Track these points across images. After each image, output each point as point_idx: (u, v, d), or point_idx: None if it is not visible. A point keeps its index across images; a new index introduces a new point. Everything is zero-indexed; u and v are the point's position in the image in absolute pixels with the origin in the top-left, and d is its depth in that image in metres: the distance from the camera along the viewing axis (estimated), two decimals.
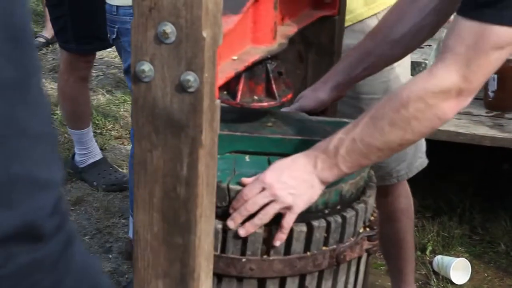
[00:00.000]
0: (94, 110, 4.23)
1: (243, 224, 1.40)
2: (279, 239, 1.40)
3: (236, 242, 1.40)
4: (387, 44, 1.70)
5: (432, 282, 2.87)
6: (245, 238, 1.39)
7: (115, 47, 3.28)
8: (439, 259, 2.94)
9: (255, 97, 1.51)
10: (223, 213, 1.40)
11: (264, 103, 1.51)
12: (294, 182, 1.38)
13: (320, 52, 1.79)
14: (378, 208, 2.44)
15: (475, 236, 3.17)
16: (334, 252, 1.43)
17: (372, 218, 1.53)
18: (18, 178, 0.74)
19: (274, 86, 1.51)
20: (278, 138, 1.54)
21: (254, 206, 1.38)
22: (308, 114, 1.69)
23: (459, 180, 3.46)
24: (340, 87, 1.72)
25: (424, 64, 2.92)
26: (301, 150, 1.48)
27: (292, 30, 1.61)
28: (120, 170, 3.64)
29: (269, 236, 1.39)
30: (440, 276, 2.90)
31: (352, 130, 1.40)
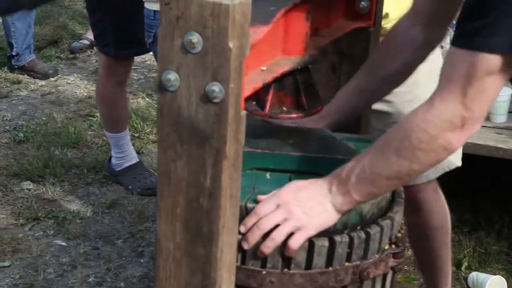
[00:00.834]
0: (133, 114, 4.26)
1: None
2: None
3: (257, 254, 1.39)
4: (380, 81, 1.69)
5: None
6: None
7: (152, 52, 3.30)
8: (474, 275, 2.89)
9: (284, 108, 1.49)
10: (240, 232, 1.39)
11: (293, 115, 1.50)
12: (310, 203, 1.37)
13: (353, 63, 1.77)
14: (411, 225, 2.42)
15: None
16: (357, 269, 1.41)
17: (399, 235, 1.51)
18: None
19: (304, 98, 1.49)
20: (299, 156, 1.52)
21: (268, 224, 1.36)
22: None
23: (499, 196, 3.40)
24: (337, 124, 1.73)
25: None
26: (322, 168, 1.48)
27: (324, 41, 1.59)
28: (156, 174, 3.65)
29: None
30: None
31: (362, 158, 1.39)
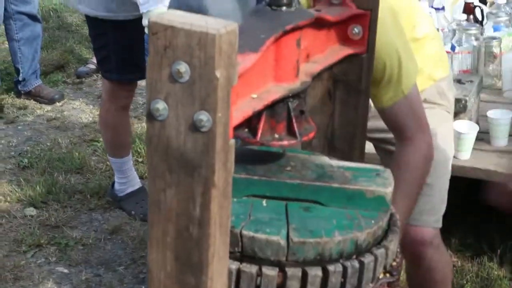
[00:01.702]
0: (137, 138, 4.26)
1: None
2: None
3: (250, 284, 1.37)
4: None
5: None
6: (258, 281, 1.36)
7: None
8: None
9: (276, 135, 1.48)
10: (235, 259, 1.38)
11: (285, 142, 1.49)
12: None
13: (347, 89, 1.76)
14: (411, 275, 2.39)
15: None
16: None
17: (393, 264, 1.49)
18: None
19: (295, 125, 1.48)
20: (296, 184, 1.51)
21: None
22: None
23: (501, 220, 3.38)
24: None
25: (464, 100, 2.86)
26: (319, 196, 1.48)
27: (317, 68, 1.58)
28: None
29: (283, 280, 1.36)
30: None
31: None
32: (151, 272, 1.33)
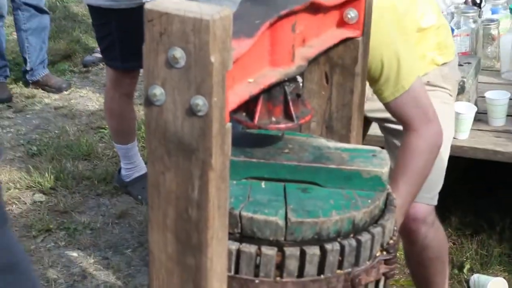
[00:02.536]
0: (143, 125, 4.26)
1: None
2: None
3: (250, 264, 1.38)
4: None
5: None
6: (258, 261, 1.37)
7: None
8: (476, 277, 2.86)
9: (273, 118, 1.48)
10: (235, 239, 1.38)
11: (282, 125, 1.49)
12: None
13: (344, 73, 1.75)
14: (407, 253, 2.40)
15: None
16: (349, 276, 1.40)
17: (390, 242, 1.49)
18: None
19: (292, 108, 1.48)
20: (294, 165, 1.51)
21: None
22: None
23: (500, 198, 3.38)
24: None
25: (462, 82, 2.85)
26: (316, 177, 1.48)
27: (313, 52, 1.58)
28: None
29: (282, 259, 1.37)
30: None
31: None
32: (152, 254, 1.33)
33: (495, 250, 3.08)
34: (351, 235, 1.42)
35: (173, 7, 1.18)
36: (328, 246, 1.39)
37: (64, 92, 5.02)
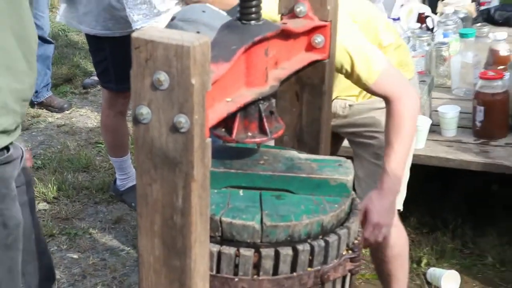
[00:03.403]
0: None
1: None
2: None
3: (230, 264, 1.36)
4: None
5: None
6: (237, 261, 1.35)
7: None
8: (431, 271, 2.86)
9: (249, 133, 1.47)
10: (216, 242, 1.36)
11: (257, 139, 1.47)
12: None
13: (313, 92, 1.74)
14: (371, 250, 2.39)
15: (466, 250, 3.08)
16: (319, 273, 1.38)
17: (355, 241, 1.48)
18: None
19: (266, 124, 1.47)
20: (268, 175, 1.49)
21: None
22: None
23: (453, 200, 3.38)
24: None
25: None
26: (289, 185, 1.47)
27: (284, 74, 1.57)
28: None
29: (258, 259, 1.35)
30: (433, 286, 2.81)
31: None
32: (142, 257, 1.31)
33: (448, 246, 3.08)
34: (320, 237, 1.41)
35: (157, 35, 1.16)
36: (300, 247, 1.37)
37: (66, 111, 4.98)
